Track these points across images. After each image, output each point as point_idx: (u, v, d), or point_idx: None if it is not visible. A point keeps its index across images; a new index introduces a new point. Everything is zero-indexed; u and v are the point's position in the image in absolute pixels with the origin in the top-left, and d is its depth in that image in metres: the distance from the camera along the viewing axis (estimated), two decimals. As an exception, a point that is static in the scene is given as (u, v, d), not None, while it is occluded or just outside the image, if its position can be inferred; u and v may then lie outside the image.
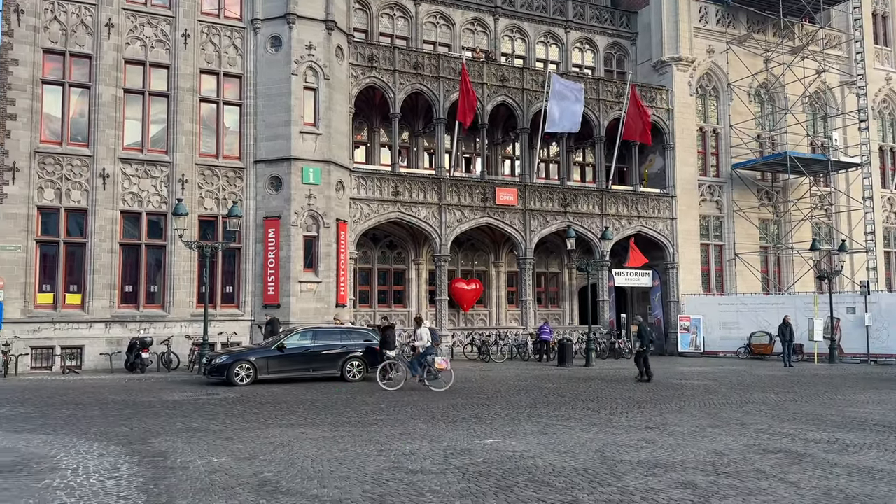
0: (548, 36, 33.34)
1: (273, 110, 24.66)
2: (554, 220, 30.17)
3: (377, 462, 8.77)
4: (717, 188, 34.13)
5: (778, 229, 35.18)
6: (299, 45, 24.73)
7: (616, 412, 13.47)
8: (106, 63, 23.18)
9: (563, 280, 33.19)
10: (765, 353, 29.54)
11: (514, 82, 29.93)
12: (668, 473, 8.30)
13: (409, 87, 27.90)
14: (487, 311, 31.09)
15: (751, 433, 11.17)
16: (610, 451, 9.60)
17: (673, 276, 32.45)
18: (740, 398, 15.99)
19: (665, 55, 32.95)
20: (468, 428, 11.42)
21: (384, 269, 29.70)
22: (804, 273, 33.89)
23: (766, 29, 35.34)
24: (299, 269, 24.18)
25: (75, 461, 8.71)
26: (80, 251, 22.76)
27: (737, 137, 34.12)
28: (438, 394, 16.42)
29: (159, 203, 23.68)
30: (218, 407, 13.92)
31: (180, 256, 23.37)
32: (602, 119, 31.37)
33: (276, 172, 24.55)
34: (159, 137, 24.03)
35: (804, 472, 8.49)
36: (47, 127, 22.67)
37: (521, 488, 7.54)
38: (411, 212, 27.51)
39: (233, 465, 8.51)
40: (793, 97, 34.60)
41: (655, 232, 32.24)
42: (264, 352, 18.84)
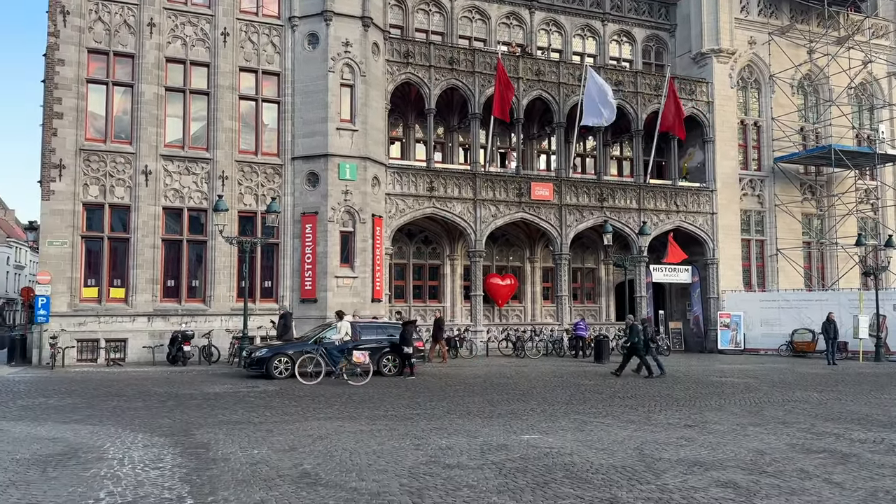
0: (585, 29, 33.00)
1: (310, 107, 24.90)
2: (590, 215, 29.91)
3: (414, 456, 8.81)
4: (759, 182, 33.44)
5: (821, 224, 34.35)
6: (336, 42, 24.91)
7: (654, 410, 13.32)
8: (148, 62, 23.66)
9: (599, 276, 32.90)
10: (807, 351, 28.90)
11: (551, 76, 29.73)
12: (708, 472, 8.18)
13: (444, 82, 27.91)
14: (522, 307, 30.99)
15: (793, 432, 10.94)
16: (648, 448, 9.49)
17: (713, 272, 31.93)
18: (782, 396, 15.67)
19: (705, 47, 32.36)
20: (504, 423, 11.41)
21: (419, 265, 29.80)
22: (849, 269, 33.05)
23: (809, 19, 34.47)
24: (336, 265, 24.41)
25: (121, 451, 8.94)
26: (124, 246, 23.31)
27: (779, 130, 33.38)
28: (473, 389, 16.44)
29: (200, 199, 24.10)
30: (258, 399, 14.14)
31: (220, 252, 23.77)
32: (640, 112, 30.96)
33: (314, 169, 24.80)
34: (200, 135, 24.45)
35: (849, 472, 8.29)
36: (92, 125, 23.24)
37: (559, 485, 7.51)
38: (446, 207, 27.54)
39: (273, 457, 8.64)
40: (837, 88, 33.71)
41: (695, 227, 31.74)
42: (302, 346, 19.05)
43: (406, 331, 19.10)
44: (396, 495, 7.02)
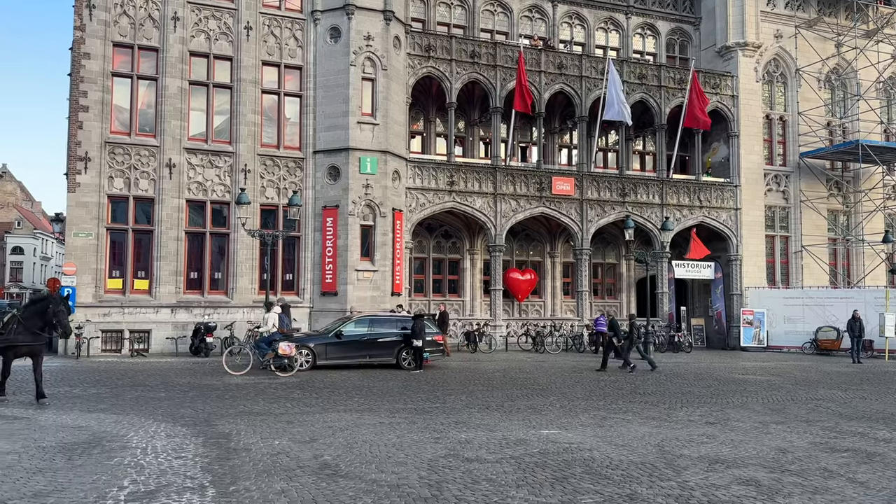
0: (608, 22, 32.72)
1: (332, 101, 24.98)
2: (612, 210, 29.71)
3: (433, 449, 8.84)
4: (784, 178, 33.00)
5: (848, 220, 33.82)
6: (358, 36, 24.95)
7: (675, 406, 13.23)
8: (172, 55, 23.87)
9: (620, 271, 32.70)
10: (831, 349, 28.51)
11: (573, 70, 29.52)
12: (729, 469, 8.11)
13: (465, 76, 27.84)
14: (542, 302, 30.90)
15: (817, 431, 10.81)
16: (669, 445, 9.43)
17: (736, 269, 31.59)
18: (805, 395, 15.48)
19: (730, 40, 31.94)
20: (523, 418, 11.40)
21: (439, 259, 29.82)
22: (875, 266, 32.52)
23: (837, 12, 33.88)
24: (356, 258, 24.52)
25: (144, 440, 9.06)
26: (148, 238, 23.60)
27: (805, 125, 32.88)
28: (492, 384, 16.43)
29: (223, 192, 24.31)
30: (278, 391, 14.26)
31: (243, 244, 23.97)
32: (663, 106, 30.66)
33: (335, 162, 24.89)
34: (223, 128, 24.65)
35: (874, 472, 8.18)
36: (117, 118, 23.52)
37: (578, 480, 7.49)
38: (466, 201, 27.51)
39: (293, 448, 8.72)
40: (866, 83, 33.11)
41: (718, 222, 31.41)
42: (323, 338, 19.21)
43: (416, 324, 19.15)
44: (416, 487, 7.04)
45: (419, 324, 19.19)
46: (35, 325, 11.93)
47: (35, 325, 11.93)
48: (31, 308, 12.24)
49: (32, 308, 12.19)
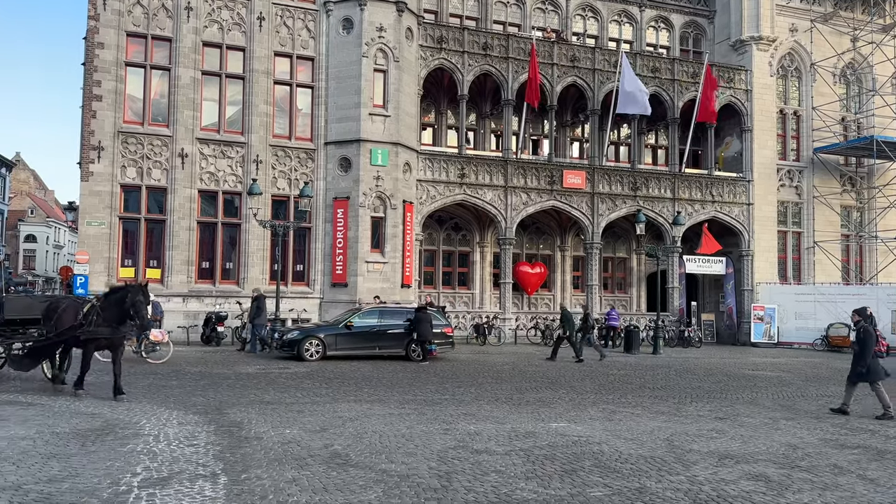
0: (621, 14, 32.51)
1: (343, 92, 24.99)
2: (623, 205, 29.61)
3: (443, 440, 8.88)
4: (797, 173, 32.76)
5: (861, 217, 33.55)
6: (370, 27, 24.92)
7: (685, 401, 13.22)
8: (185, 46, 23.93)
9: (630, 265, 32.61)
10: (843, 346, 28.30)
11: (585, 62, 29.38)
12: (739, 465, 8.11)
13: (477, 68, 27.76)
14: (552, 296, 30.87)
15: (827, 427, 10.78)
16: (678, 440, 9.43)
17: (747, 264, 31.43)
18: (816, 391, 15.43)
19: (745, 34, 31.67)
20: (533, 411, 11.43)
21: (449, 251, 29.84)
22: (888, 263, 32.25)
23: (854, 6, 33.50)
24: (366, 250, 24.57)
25: (156, 428, 9.15)
26: (160, 228, 23.73)
27: (819, 120, 32.59)
28: (501, 377, 16.46)
29: (235, 183, 24.41)
30: (289, 381, 14.35)
31: (254, 235, 24.07)
32: (676, 100, 30.47)
33: (346, 154, 24.92)
34: (235, 119, 24.72)
35: (884, 469, 8.15)
36: (130, 108, 23.63)
37: (587, 473, 7.51)
38: (477, 194, 27.49)
39: (304, 437, 8.78)
40: (881, 78, 32.78)
41: (730, 218, 31.24)
42: (333, 329, 19.29)
43: (417, 316, 19.20)
44: (425, 478, 7.09)
45: (419, 316, 19.23)
46: (113, 317, 11.35)
47: (113, 317, 11.35)
48: (109, 298, 11.61)
49: (111, 298, 11.57)
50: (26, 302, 13.01)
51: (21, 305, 12.85)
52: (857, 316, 13.27)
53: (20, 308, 12.73)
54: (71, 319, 11.55)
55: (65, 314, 11.68)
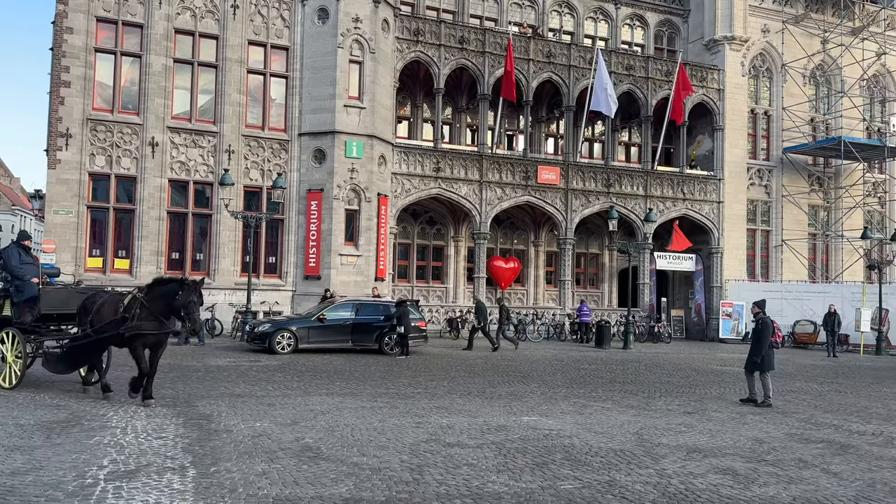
0: (597, 12, 32.68)
1: (318, 83, 24.77)
2: (596, 201, 29.83)
3: (415, 434, 8.87)
4: (767, 172, 33.29)
5: (828, 216, 34.23)
6: (346, 18, 24.73)
7: (654, 396, 13.38)
8: (157, 32, 23.52)
9: (603, 261, 32.89)
10: (809, 343, 28.94)
11: (561, 59, 29.48)
12: (706, 458, 8.23)
13: (453, 61, 27.71)
14: (525, 291, 31.02)
15: (792, 422, 10.99)
16: (648, 433, 9.54)
17: (717, 261, 31.89)
18: (782, 387, 15.70)
19: (718, 34, 32.05)
20: (505, 405, 11.48)
21: (423, 245, 29.81)
22: (853, 262, 32.97)
23: (824, 8, 34.09)
24: (340, 242, 24.44)
25: (124, 420, 9.01)
26: (129, 217, 23.35)
27: (789, 120, 33.14)
28: (474, 370, 16.50)
29: (206, 173, 24.09)
30: (260, 373, 14.23)
31: (225, 226, 23.80)
32: (650, 98, 30.74)
33: (320, 145, 24.73)
34: (207, 108, 24.38)
35: (847, 463, 8.34)
36: (99, 95, 23.18)
37: (558, 466, 7.56)
38: (452, 188, 27.47)
39: (275, 431, 8.71)
40: (850, 80, 33.41)
41: (701, 215, 31.65)
42: (305, 322, 19.15)
43: (399, 310, 19.13)
44: (397, 471, 7.08)
45: (402, 310, 19.18)
46: (159, 310, 10.02)
47: (159, 310, 10.02)
48: (157, 290, 10.23)
49: (159, 290, 10.20)
50: (64, 295, 11.60)
51: (59, 299, 11.45)
52: (756, 308, 13.68)
53: (57, 302, 11.35)
54: (111, 314, 10.27)
55: (104, 308, 10.43)
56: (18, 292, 10.82)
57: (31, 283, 10.83)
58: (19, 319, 10.85)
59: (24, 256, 11.01)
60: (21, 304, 10.87)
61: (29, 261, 11.08)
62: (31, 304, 10.93)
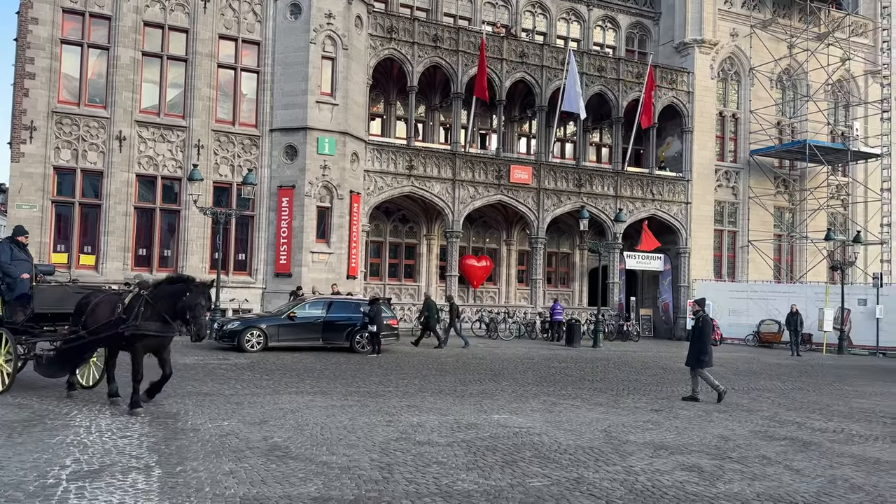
0: (570, 13, 32.90)
1: (290, 79, 24.56)
2: (568, 201, 30.04)
3: (385, 432, 8.86)
4: (734, 174, 33.83)
5: (793, 218, 34.90)
6: (319, 14, 24.55)
7: (622, 393, 13.53)
8: (125, 25, 23.11)
9: (573, 260, 33.15)
10: (773, 342, 29.49)
11: (534, 59, 29.61)
12: (673, 456, 8.34)
13: (427, 59, 27.67)
14: (497, 289, 31.13)
15: (757, 420, 11.19)
16: (616, 431, 9.65)
17: (684, 261, 32.33)
18: (747, 385, 16.01)
19: (688, 37, 32.47)
20: (475, 403, 11.51)
21: (396, 243, 29.74)
22: (817, 263, 33.68)
23: (791, 14, 34.73)
24: (312, 240, 24.27)
25: (88, 419, 8.86)
26: (95, 213, 22.92)
27: (756, 123, 33.72)
28: (445, 369, 16.52)
29: (175, 168, 23.74)
30: (228, 372, 14.08)
31: (194, 222, 23.48)
32: (621, 100, 31.03)
33: (292, 141, 24.53)
34: (176, 102, 24.03)
35: (809, 460, 8.52)
36: (65, 87, 22.70)
37: (527, 464, 7.61)
38: (425, 186, 27.45)
39: (243, 430, 8.63)
40: (815, 84, 34.11)
41: (669, 216, 32.06)
42: (275, 320, 19.00)
43: (372, 309, 19.09)
44: (367, 470, 7.06)
45: (375, 308, 19.12)
46: (164, 310, 9.40)
47: (164, 310, 9.40)
48: (163, 288, 9.62)
49: (166, 289, 9.58)
50: (59, 293, 11.15)
51: (53, 297, 10.98)
52: (696, 306, 13.98)
53: (52, 300, 10.87)
54: (107, 314, 9.71)
55: (99, 308, 9.88)
56: (9, 290, 10.37)
57: (22, 281, 10.35)
58: (10, 319, 10.38)
59: (17, 252, 10.53)
60: (12, 302, 10.42)
61: (23, 257, 10.61)
62: (24, 303, 10.46)
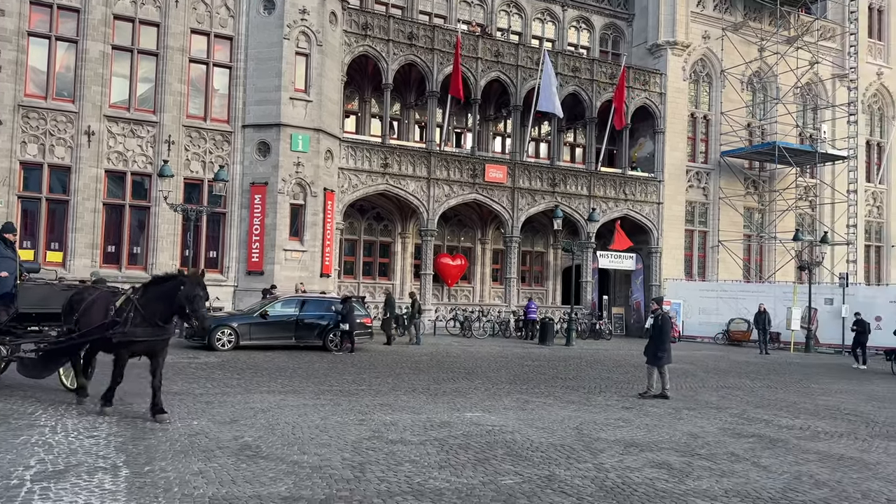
0: (544, 13, 33.04)
1: (263, 74, 24.32)
2: (542, 200, 30.18)
3: (357, 431, 8.82)
4: (705, 175, 34.26)
5: (762, 218, 35.45)
6: (293, 9, 24.34)
7: (594, 391, 13.64)
8: (94, 18, 22.68)
9: (547, 259, 33.31)
10: (742, 340, 29.92)
11: (509, 58, 29.69)
12: (643, 453, 8.43)
13: (402, 57, 27.59)
14: (471, 288, 31.18)
15: (726, 417, 11.35)
16: (587, 428, 9.72)
17: (656, 261, 32.68)
18: (716, 383, 16.23)
19: (661, 38, 32.79)
20: (448, 401, 11.51)
21: (370, 241, 29.63)
22: (785, 263, 34.25)
23: (762, 17, 35.26)
24: (285, 237, 24.07)
25: (53, 419, 8.68)
26: (63, 209, 22.48)
27: (727, 125, 34.19)
28: (419, 367, 16.51)
29: (145, 164, 23.39)
30: (199, 371, 13.91)
31: (164, 219, 23.14)
32: (594, 100, 31.25)
33: (265, 138, 24.30)
34: (147, 97, 23.67)
35: (776, 456, 8.66)
36: (32, 80, 22.22)
37: (499, 462, 7.63)
38: (400, 185, 27.38)
39: (213, 429, 8.53)
40: (785, 87, 34.66)
41: (642, 216, 32.38)
42: (247, 318, 18.82)
43: (345, 307, 19.02)
44: (338, 469, 7.02)
45: (347, 307, 19.04)
46: (157, 314, 8.89)
47: (157, 314, 8.89)
48: (153, 289, 9.09)
49: (155, 290, 9.05)
50: (45, 291, 10.68)
51: (38, 296, 10.50)
52: (655, 304, 14.19)
53: (37, 299, 10.42)
54: (100, 316, 9.24)
55: (92, 309, 9.40)
56: None
57: (3, 279, 9.92)
58: None
59: (3, 250, 10.17)
60: None
61: (8, 255, 10.23)
62: (7, 303, 10.03)
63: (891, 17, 38.84)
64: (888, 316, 27.14)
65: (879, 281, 37.11)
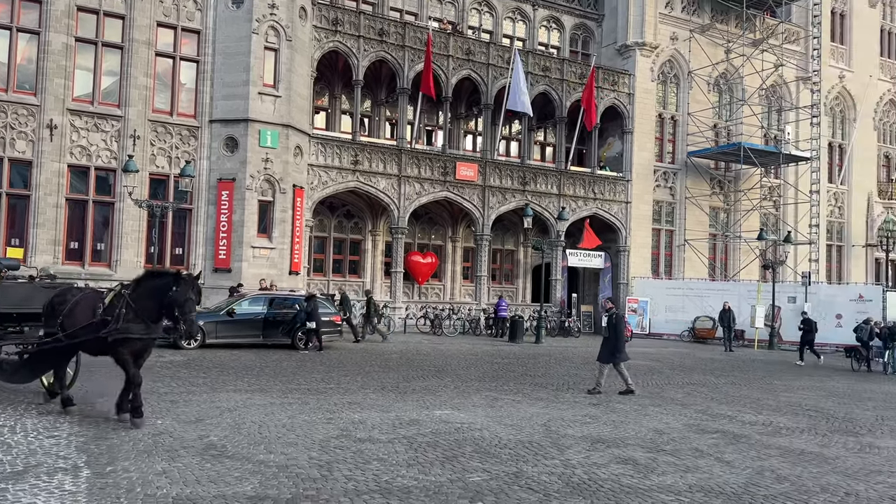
0: (515, 12, 33.14)
1: (231, 69, 24.02)
2: (512, 198, 30.30)
3: (325, 430, 8.76)
4: (672, 175, 34.72)
5: (727, 218, 36.04)
6: (261, 3, 24.05)
7: (562, 388, 13.74)
8: (57, 9, 22.16)
9: (518, 258, 33.46)
10: (707, 338, 30.40)
11: (480, 57, 29.73)
12: (609, 449, 8.51)
13: (373, 54, 27.46)
14: (442, 286, 31.17)
15: (690, 413, 11.52)
16: (555, 425, 9.79)
17: (624, 259, 33.03)
18: (682, 379, 16.47)
19: (630, 39, 33.12)
20: (418, 399, 11.51)
21: (340, 239, 29.45)
22: (750, 261, 34.87)
23: (729, 20, 35.82)
24: (253, 234, 23.81)
25: (13, 419, 8.49)
26: (24, 204, 21.95)
27: (694, 126, 34.67)
28: (389, 365, 16.47)
29: (109, 158, 22.93)
30: (164, 369, 13.70)
31: (129, 215, 22.73)
32: (564, 100, 31.45)
33: (233, 133, 24.00)
34: (111, 90, 23.21)
35: (739, 452, 8.81)
36: (-9, 72, 21.65)
37: (468, 459, 7.65)
38: (370, 182, 27.26)
39: (177, 428, 8.41)
40: (750, 89, 35.26)
41: (610, 215, 32.69)
42: (213, 316, 18.59)
43: (310, 305, 18.89)
44: (305, 468, 6.97)
45: (312, 304, 18.92)
46: (148, 311, 8.57)
47: (148, 311, 8.57)
48: (145, 285, 8.75)
49: (147, 285, 8.73)
50: (25, 291, 10.26)
51: (18, 295, 10.08)
52: (609, 303, 14.38)
53: (17, 299, 9.99)
54: (87, 316, 8.79)
55: (78, 309, 8.91)
56: None
57: None
58: None
59: None
60: None
61: None
62: None
63: (853, 21, 39.72)
64: (848, 314, 27.79)
65: (841, 280, 38.00)
